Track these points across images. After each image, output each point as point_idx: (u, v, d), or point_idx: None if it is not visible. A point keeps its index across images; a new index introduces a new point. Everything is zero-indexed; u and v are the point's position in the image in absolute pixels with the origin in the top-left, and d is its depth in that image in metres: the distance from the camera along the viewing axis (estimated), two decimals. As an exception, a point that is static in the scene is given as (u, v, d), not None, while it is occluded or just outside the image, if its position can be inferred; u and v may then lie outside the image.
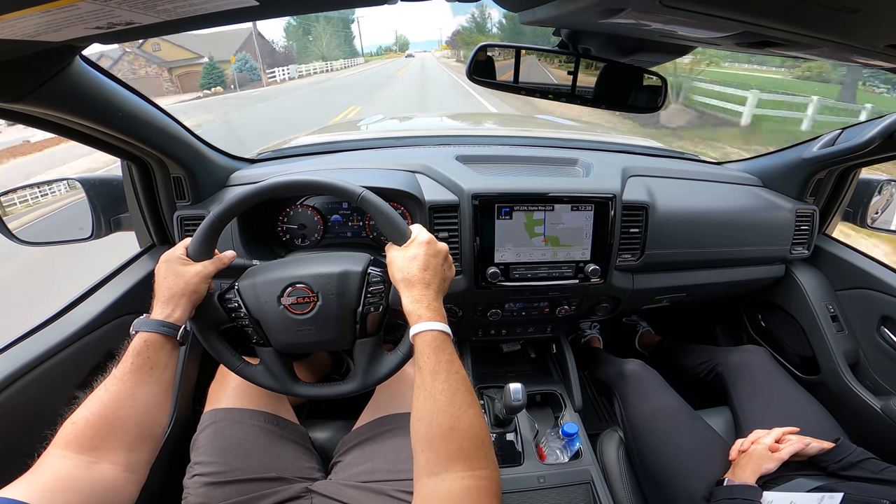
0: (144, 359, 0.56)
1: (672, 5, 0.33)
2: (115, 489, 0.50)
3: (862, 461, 0.72)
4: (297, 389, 0.71)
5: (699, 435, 0.90)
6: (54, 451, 0.49)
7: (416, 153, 1.10)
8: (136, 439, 0.54)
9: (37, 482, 0.45)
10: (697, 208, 1.10)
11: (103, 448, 0.50)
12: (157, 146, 0.83)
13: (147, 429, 0.55)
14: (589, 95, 0.69)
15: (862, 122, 1.00)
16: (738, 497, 0.69)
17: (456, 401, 0.53)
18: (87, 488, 0.47)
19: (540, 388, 1.26)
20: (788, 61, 9.93)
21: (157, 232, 0.98)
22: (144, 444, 0.55)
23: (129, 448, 0.52)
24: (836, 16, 0.32)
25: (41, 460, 0.48)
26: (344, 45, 54.64)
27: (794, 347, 1.21)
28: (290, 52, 48.81)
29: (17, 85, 0.52)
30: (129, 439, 0.52)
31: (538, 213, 0.96)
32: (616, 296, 1.12)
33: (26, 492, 0.43)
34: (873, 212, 1.19)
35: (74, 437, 0.50)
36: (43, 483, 0.45)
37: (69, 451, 0.49)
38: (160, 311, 0.60)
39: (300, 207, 1.02)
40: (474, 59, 0.70)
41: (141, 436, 0.54)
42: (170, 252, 0.65)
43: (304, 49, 35.46)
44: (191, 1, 0.36)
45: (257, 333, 0.68)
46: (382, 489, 0.69)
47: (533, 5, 0.45)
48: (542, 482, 0.97)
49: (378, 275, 0.68)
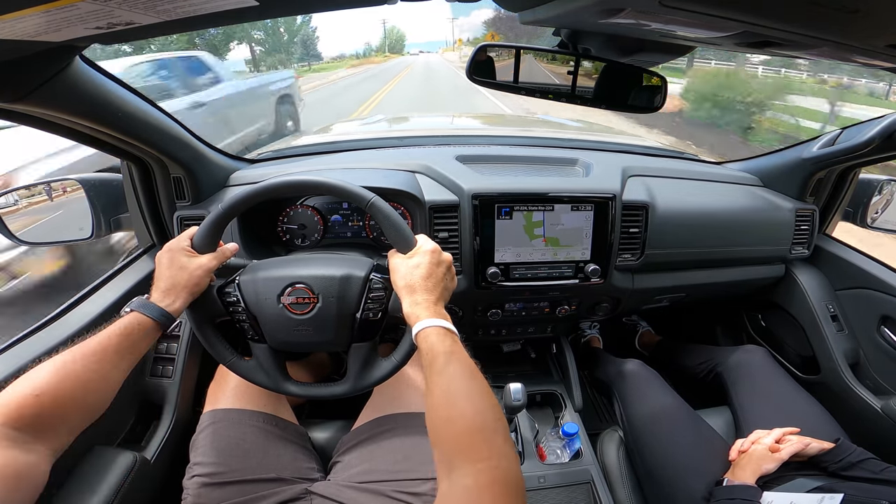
0: (132, 342, 0.55)
1: (672, 5, 0.33)
2: (36, 476, 0.43)
3: (862, 461, 0.72)
4: (289, 388, 0.71)
5: (699, 435, 0.90)
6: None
7: (416, 153, 1.10)
8: (81, 424, 0.49)
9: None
10: (697, 208, 1.10)
11: (50, 430, 0.45)
12: (156, 146, 0.83)
13: (97, 413, 0.51)
14: (589, 95, 0.69)
15: (861, 122, 1.00)
16: (737, 497, 0.69)
17: (452, 390, 0.50)
18: (11, 475, 0.41)
19: (540, 388, 1.26)
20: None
21: (157, 232, 0.98)
22: (82, 428, 0.50)
23: (71, 433, 0.48)
24: (836, 16, 0.32)
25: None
26: (297, 49, 39.55)
27: (794, 347, 1.21)
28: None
29: (17, 85, 0.52)
30: (75, 423, 0.48)
31: (538, 214, 0.96)
32: (616, 296, 1.12)
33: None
34: (873, 211, 1.19)
35: (28, 411, 0.43)
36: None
37: (8, 427, 0.42)
38: (161, 299, 0.60)
39: (300, 207, 1.02)
40: (474, 60, 0.70)
41: (87, 420, 0.50)
42: (175, 241, 0.65)
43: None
44: (191, 1, 0.36)
45: (253, 329, 0.68)
46: (381, 490, 0.69)
47: (533, 5, 0.45)
48: (543, 482, 0.97)
49: (380, 281, 0.68)
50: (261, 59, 35.69)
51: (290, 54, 36.85)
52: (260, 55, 35.56)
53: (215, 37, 17.15)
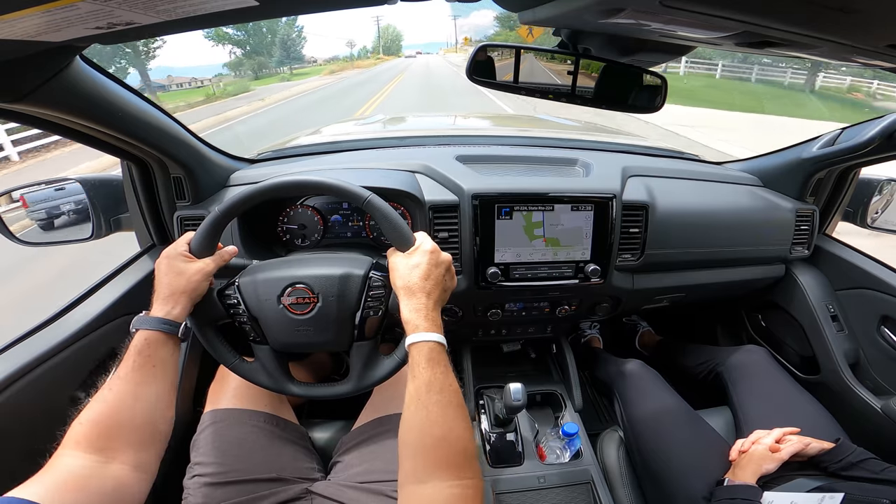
0: (146, 357, 0.56)
1: (672, 5, 0.33)
2: (125, 488, 0.50)
3: (862, 461, 0.72)
4: (292, 388, 0.71)
5: (699, 435, 0.90)
6: (65, 451, 0.49)
7: (416, 153, 1.10)
8: (143, 438, 0.54)
9: (49, 482, 0.45)
10: (697, 208, 1.10)
11: (111, 448, 0.50)
12: (156, 146, 0.83)
13: (153, 427, 0.55)
14: (589, 95, 0.69)
15: (861, 122, 1.00)
16: (738, 497, 0.69)
17: (449, 413, 0.54)
18: (97, 488, 0.47)
19: (540, 388, 1.26)
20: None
21: (157, 232, 0.98)
22: (151, 442, 0.55)
23: (137, 447, 0.52)
24: (836, 16, 0.32)
25: (53, 460, 0.48)
26: (276, 52, 36.35)
27: (794, 347, 1.21)
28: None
29: (17, 85, 0.52)
30: (135, 438, 0.53)
31: (537, 214, 0.96)
32: (616, 296, 1.12)
33: (38, 492, 0.43)
34: (873, 211, 1.19)
35: (84, 436, 0.50)
36: (55, 483, 0.45)
37: (79, 450, 0.49)
38: (160, 308, 0.60)
39: (300, 207, 1.02)
40: (474, 60, 0.70)
41: (147, 434, 0.54)
42: (171, 247, 0.65)
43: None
44: (191, 1, 0.36)
45: (255, 331, 0.68)
46: (381, 489, 0.69)
47: (533, 5, 0.45)
48: (542, 482, 0.97)
49: (379, 279, 0.68)
50: (238, 63, 32.21)
51: (270, 56, 33.98)
52: (234, 60, 32.43)
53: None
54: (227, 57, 30.21)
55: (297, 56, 40.14)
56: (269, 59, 33.01)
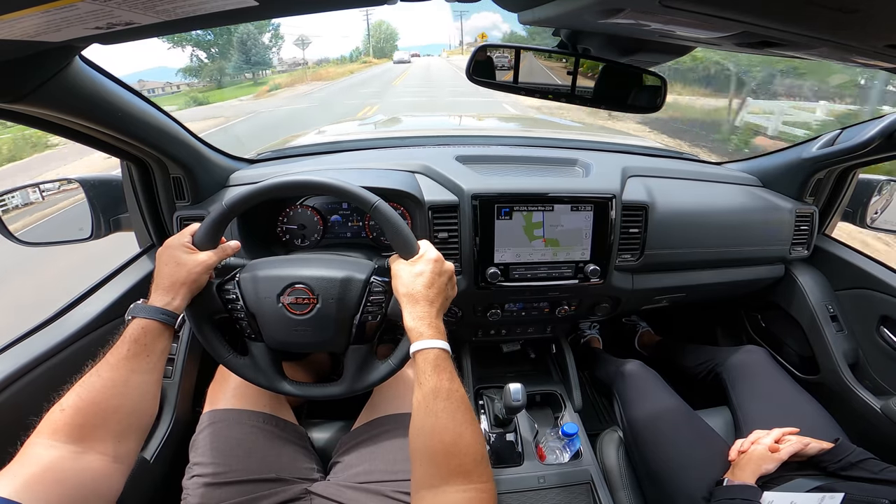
0: (142, 346, 0.55)
1: (672, 5, 0.33)
2: (102, 480, 0.48)
3: (862, 461, 0.72)
4: (285, 387, 0.71)
5: (699, 435, 0.90)
6: (40, 439, 0.47)
7: (416, 153, 1.10)
8: (127, 429, 0.52)
9: (23, 474, 0.43)
10: (697, 208, 1.10)
11: (92, 438, 0.49)
12: (156, 146, 0.83)
13: (138, 418, 0.54)
14: (589, 95, 0.69)
15: (861, 122, 1.00)
16: (737, 497, 0.69)
17: (457, 418, 0.54)
18: (74, 480, 0.45)
19: (540, 389, 1.26)
20: None
21: (156, 232, 0.98)
22: (134, 433, 0.53)
23: (119, 438, 0.51)
24: (835, 16, 0.32)
25: (25, 449, 0.46)
26: (237, 60, 28.68)
27: (794, 347, 1.21)
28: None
29: (17, 85, 0.52)
30: (119, 429, 0.51)
31: (537, 215, 0.96)
32: (616, 296, 1.12)
33: (12, 485, 0.41)
34: (873, 212, 1.19)
35: (63, 424, 0.48)
36: (31, 474, 0.43)
37: (56, 440, 0.47)
38: (160, 297, 0.60)
39: (300, 207, 1.02)
40: (474, 60, 0.70)
41: (131, 425, 0.53)
42: (175, 238, 0.65)
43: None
44: (191, 1, 0.36)
45: (251, 327, 0.68)
46: (380, 490, 0.69)
47: (533, 5, 0.45)
48: (542, 482, 0.97)
49: (380, 284, 0.68)
50: (197, 69, 26.88)
51: (228, 60, 28.16)
52: (194, 64, 27.06)
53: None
54: (186, 61, 25.28)
55: (260, 61, 31.52)
56: (226, 63, 27.64)
